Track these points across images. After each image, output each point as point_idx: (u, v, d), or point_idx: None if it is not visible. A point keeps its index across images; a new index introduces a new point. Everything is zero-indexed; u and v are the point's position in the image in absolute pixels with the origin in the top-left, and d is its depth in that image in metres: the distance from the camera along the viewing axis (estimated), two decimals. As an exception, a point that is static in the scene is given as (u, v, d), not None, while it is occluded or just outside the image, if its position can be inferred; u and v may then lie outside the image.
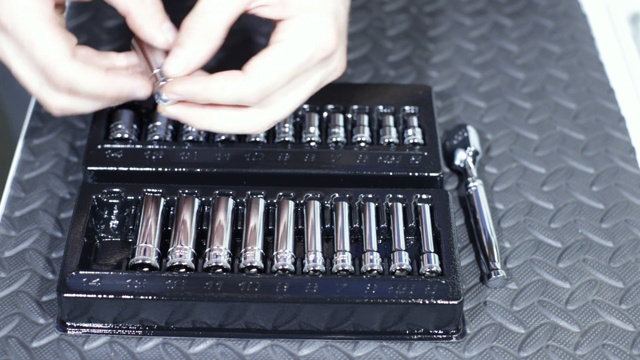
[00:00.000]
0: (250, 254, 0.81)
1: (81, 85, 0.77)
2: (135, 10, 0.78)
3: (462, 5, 1.12)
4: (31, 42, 0.76)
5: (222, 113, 0.79)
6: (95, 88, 0.78)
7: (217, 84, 0.77)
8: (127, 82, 0.79)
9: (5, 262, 0.84)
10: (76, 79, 0.77)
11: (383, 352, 0.79)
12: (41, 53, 0.76)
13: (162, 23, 0.80)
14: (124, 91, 0.79)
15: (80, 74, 0.77)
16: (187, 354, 0.78)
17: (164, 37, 0.80)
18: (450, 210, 0.85)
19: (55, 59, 0.76)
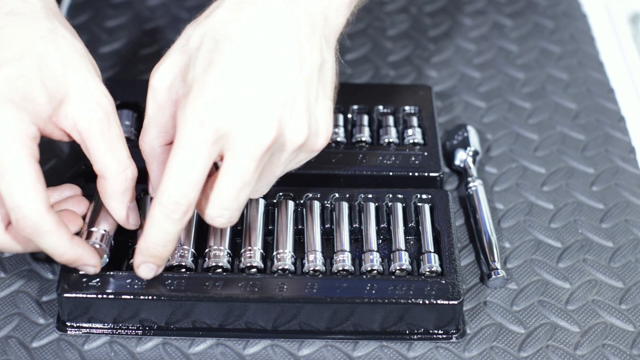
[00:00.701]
0: (250, 254, 0.81)
1: (45, 239, 0.73)
2: (113, 179, 0.76)
3: (462, 5, 1.12)
4: (8, 178, 0.72)
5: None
6: (56, 248, 0.74)
7: (146, 229, 0.74)
8: (87, 255, 0.76)
9: (5, 262, 0.84)
10: (45, 232, 0.73)
11: (383, 352, 0.79)
12: (15, 193, 0.71)
13: (131, 201, 0.78)
14: (79, 261, 0.76)
15: (49, 227, 0.73)
16: (187, 354, 0.78)
17: (127, 218, 0.78)
18: (450, 210, 0.85)
19: (32, 205, 0.72)
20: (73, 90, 0.75)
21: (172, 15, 1.09)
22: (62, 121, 0.75)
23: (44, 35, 0.75)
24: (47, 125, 0.75)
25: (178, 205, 0.71)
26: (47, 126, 0.75)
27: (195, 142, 0.71)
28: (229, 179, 0.72)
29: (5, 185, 0.72)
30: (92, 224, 0.79)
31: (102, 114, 0.75)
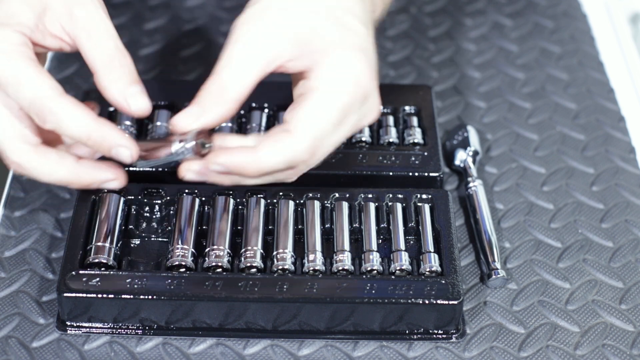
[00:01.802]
0: (250, 254, 0.81)
1: (68, 123, 0.73)
2: (101, 71, 0.75)
3: (462, 5, 1.12)
4: (17, 81, 0.73)
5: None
6: (81, 130, 0.74)
7: (265, 151, 0.72)
8: (113, 134, 0.74)
9: (5, 262, 0.84)
10: (64, 116, 0.73)
11: (383, 352, 0.79)
12: (28, 89, 0.73)
13: (128, 88, 0.76)
14: (106, 142, 0.74)
15: (69, 110, 0.73)
16: (187, 354, 0.78)
17: (125, 104, 0.76)
18: (450, 210, 0.85)
19: (45, 93, 0.73)
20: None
21: (172, 15, 1.09)
22: (51, 27, 0.76)
23: None
24: (35, 34, 0.75)
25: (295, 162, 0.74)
26: (35, 35, 0.75)
27: (351, 107, 0.74)
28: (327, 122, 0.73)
29: (13, 90, 0.73)
30: None
31: (83, 11, 0.76)
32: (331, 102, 0.73)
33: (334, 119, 0.73)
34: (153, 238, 0.84)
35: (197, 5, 1.10)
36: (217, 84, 0.74)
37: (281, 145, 0.72)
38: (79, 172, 0.76)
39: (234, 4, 1.11)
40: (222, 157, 0.73)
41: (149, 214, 0.85)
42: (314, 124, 0.73)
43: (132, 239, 0.84)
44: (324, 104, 0.73)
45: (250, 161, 0.73)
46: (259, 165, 0.73)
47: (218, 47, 1.05)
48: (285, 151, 0.72)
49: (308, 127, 0.73)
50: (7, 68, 0.74)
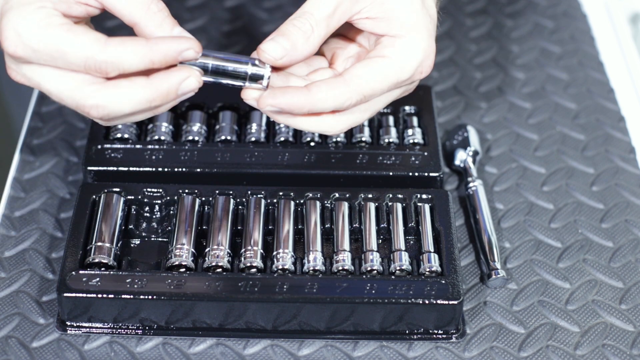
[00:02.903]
0: (250, 254, 0.81)
1: (127, 61, 0.73)
2: (142, 20, 0.76)
3: (463, 4, 1.12)
4: (60, 52, 0.73)
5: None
6: (141, 59, 0.73)
7: (319, 94, 0.75)
8: (173, 43, 0.74)
9: (5, 262, 0.84)
10: (120, 57, 0.73)
11: (383, 352, 0.79)
12: (75, 54, 0.73)
13: (173, 29, 0.76)
14: (170, 52, 0.74)
15: (121, 50, 0.73)
16: (187, 354, 0.78)
17: (179, 44, 0.75)
18: (450, 210, 0.85)
19: (91, 50, 0.73)
20: None
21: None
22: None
23: None
24: (59, 4, 0.75)
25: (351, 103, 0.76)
26: (59, 5, 0.75)
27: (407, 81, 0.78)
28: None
29: (63, 62, 0.73)
30: None
31: None
32: (393, 74, 0.76)
33: (385, 87, 0.76)
34: (153, 238, 0.85)
35: (198, 5, 1.10)
36: (308, 23, 0.76)
37: (335, 92, 0.75)
38: (154, 84, 0.75)
39: (235, 4, 1.11)
40: (277, 97, 0.75)
41: (149, 214, 0.85)
42: (371, 85, 0.76)
43: (132, 239, 0.84)
44: (387, 72, 0.76)
45: (303, 102, 0.75)
46: (310, 107, 0.75)
47: (218, 47, 1.05)
48: (337, 97, 0.75)
49: (365, 85, 0.75)
50: (45, 45, 0.73)
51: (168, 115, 0.92)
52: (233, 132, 0.91)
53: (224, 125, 0.91)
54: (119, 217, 0.83)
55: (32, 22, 0.74)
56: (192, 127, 0.91)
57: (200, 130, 0.91)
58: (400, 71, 0.77)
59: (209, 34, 1.07)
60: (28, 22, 0.74)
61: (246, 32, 1.07)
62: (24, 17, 0.74)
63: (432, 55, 0.78)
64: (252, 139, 0.90)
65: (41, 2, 0.75)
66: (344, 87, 0.75)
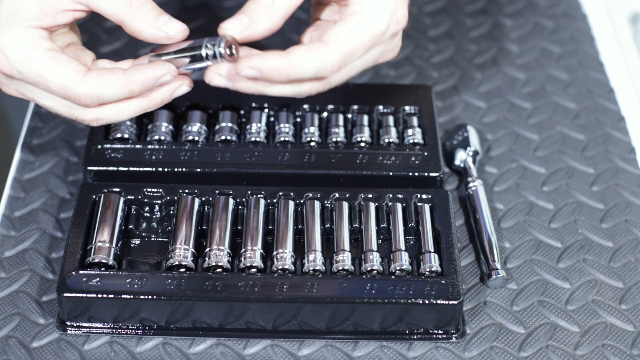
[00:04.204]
0: (250, 254, 0.81)
1: (105, 94, 0.76)
2: (127, 18, 0.77)
3: (463, 5, 1.12)
4: (42, 78, 0.75)
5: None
6: (120, 90, 0.76)
7: (298, 57, 0.75)
8: (149, 72, 0.77)
9: (5, 262, 0.84)
10: (97, 91, 0.75)
11: (383, 352, 0.79)
12: (55, 83, 0.75)
13: (158, 20, 0.78)
14: (148, 81, 0.76)
15: (99, 84, 0.75)
16: (187, 354, 0.78)
17: (164, 33, 0.78)
18: (450, 210, 0.85)
19: (70, 82, 0.75)
20: None
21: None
22: (59, 4, 0.76)
23: None
24: (44, 20, 0.76)
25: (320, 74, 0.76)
26: (44, 21, 0.76)
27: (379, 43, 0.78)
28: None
29: (44, 88, 0.75)
30: None
31: None
32: (368, 27, 0.77)
33: (366, 42, 0.77)
34: (153, 238, 0.85)
35: (198, 5, 1.10)
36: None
37: (315, 53, 0.75)
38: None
39: (235, 4, 1.11)
40: (256, 60, 0.75)
41: (149, 214, 0.85)
42: (349, 40, 0.76)
43: (132, 239, 0.84)
44: (362, 27, 0.76)
45: (283, 65, 0.75)
46: (291, 70, 0.75)
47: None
48: (317, 59, 0.75)
49: (343, 41, 0.76)
50: (29, 69, 0.75)
51: (168, 115, 0.92)
52: (233, 132, 0.91)
53: (224, 125, 0.91)
54: (119, 217, 0.83)
55: (19, 44, 0.75)
56: (192, 127, 0.91)
57: (200, 130, 0.91)
58: (375, 23, 0.77)
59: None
60: (14, 43, 0.75)
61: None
62: (11, 37, 0.75)
63: (404, 4, 0.78)
64: (252, 139, 0.90)
65: (28, 21, 0.76)
66: (324, 47, 0.75)
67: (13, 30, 0.76)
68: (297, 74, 0.75)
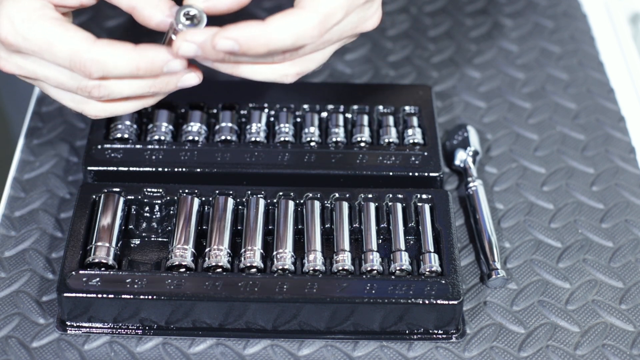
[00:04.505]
0: (250, 254, 0.81)
1: (112, 63, 0.73)
2: (140, 3, 0.76)
3: (462, 5, 1.12)
4: (48, 44, 0.74)
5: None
6: (127, 63, 0.73)
7: (275, 24, 0.71)
8: (161, 52, 0.74)
9: (5, 262, 0.84)
10: (105, 59, 0.73)
11: (383, 352, 0.79)
12: (62, 48, 0.73)
13: (170, 8, 0.76)
14: (157, 62, 0.74)
15: (107, 51, 0.73)
16: (187, 354, 0.78)
17: (179, 14, 0.74)
18: (450, 210, 0.85)
19: (78, 46, 0.73)
20: None
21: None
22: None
23: None
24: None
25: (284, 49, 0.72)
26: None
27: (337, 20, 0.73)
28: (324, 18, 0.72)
29: (49, 54, 0.74)
30: None
31: None
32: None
33: (343, 3, 0.73)
34: (153, 238, 0.85)
35: (197, 5, 1.10)
36: None
37: (292, 18, 0.71)
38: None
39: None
40: (232, 31, 0.71)
41: (149, 214, 0.85)
42: (325, 3, 0.72)
43: (132, 239, 0.84)
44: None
45: (260, 34, 0.71)
46: (268, 39, 0.71)
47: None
48: (295, 25, 0.71)
49: (320, 4, 0.72)
50: (35, 35, 0.74)
51: (168, 115, 0.92)
52: (233, 132, 0.91)
53: (224, 125, 0.91)
54: (118, 217, 0.83)
55: (26, 11, 0.74)
56: (192, 127, 0.91)
57: (200, 130, 0.91)
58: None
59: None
60: (22, 11, 0.74)
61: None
62: (19, 6, 0.74)
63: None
64: (252, 139, 0.90)
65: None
66: (301, 11, 0.71)
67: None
68: (276, 43, 0.71)
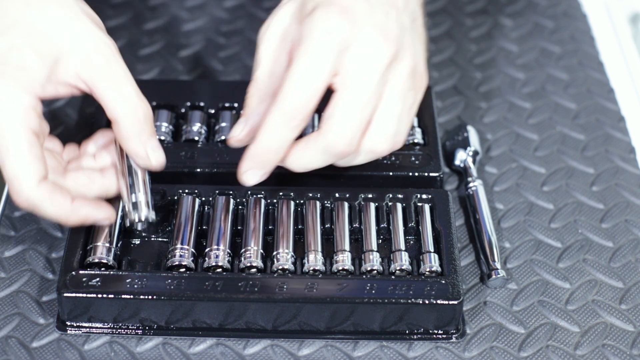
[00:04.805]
0: (250, 254, 0.81)
1: (42, 208, 0.74)
2: (125, 119, 0.75)
3: (462, 5, 1.12)
4: (6, 152, 0.73)
5: None
6: (57, 213, 0.74)
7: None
8: (92, 213, 0.76)
9: (5, 262, 0.84)
10: (37, 204, 0.73)
11: (383, 352, 0.79)
12: (11, 168, 0.73)
13: (149, 139, 0.76)
14: (87, 221, 0.76)
15: (43, 199, 0.73)
16: (187, 354, 0.78)
17: (144, 155, 0.77)
18: (450, 210, 0.85)
19: (22, 179, 0.73)
20: (68, 44, 0.75)
21: (172, 15, 1.09)
22: (64, 76, 0.75)
23: (29, 2, 0.75)
24: (47, 88, 0.75)
25: (299, 112, 0.73)
26: (47, 89, 0.75)
27: (322, 49, 0.73)
28: (350, 92, 0.74)
29: (1, 159, 0.73)
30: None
31: (101, 58, 0.75)
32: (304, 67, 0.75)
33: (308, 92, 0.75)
34: (153, 238, 0.84)
35: (197, 6, 1.10)
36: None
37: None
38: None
39: (234, 4, 1.11)
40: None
41: (149, 214, 0.85)
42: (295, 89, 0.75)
43: (132, 239, 0.84)
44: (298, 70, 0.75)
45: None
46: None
47: (218, 48, 1.05)
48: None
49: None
50: (3, 137, 0.73)
51: (168, 115, 0.92)
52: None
53: (224, 125, 0.91)
54: (119, 217, 0.83)
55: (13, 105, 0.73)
56: (192, 127, 0.91)
57: (200, 130, 0.91)
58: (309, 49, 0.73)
59: (208, 35, 1.07)
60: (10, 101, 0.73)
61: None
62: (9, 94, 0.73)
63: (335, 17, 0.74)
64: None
65: (31, 83, 0.74)
66: (273, 114, 0.74)
67: (15, 87, 0.73)
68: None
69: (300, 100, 0.74)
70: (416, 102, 0.79)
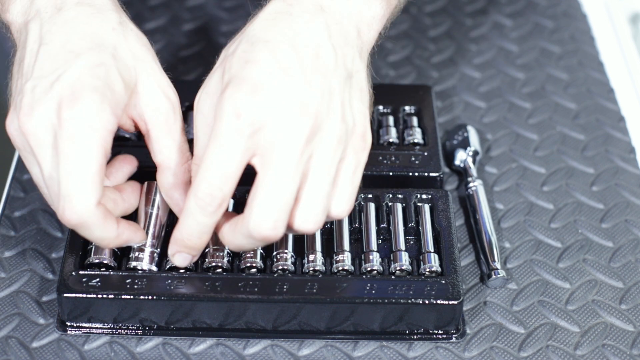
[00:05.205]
0: (250, 254, 0.81)
1: (92, 231, 0.73)
2: (173, 170, 0.76)
3: (462, 5, 1.12)
4: (76, 167, 0.71)
5: None
6: (103, 239, 0.74)
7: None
8: (132, 237, 0.76)
9: (5, 262, 0.84)
10: (92, 226, 0.73)
11: (383, 352, 0.79)
12: (74, 183, 0.71)
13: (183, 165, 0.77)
14: (124, 244, 0.77)
15: (97, 223, 0.73)
16: (187, 354, 0.78)
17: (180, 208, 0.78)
18: (450, 210, 0.85)
19: (83, 198, 0.71)
20: (142, 81, 0.75)
21: (172, 15, 1.09)
22: (131, 110, 0.75)
23: (114, 27, 0.76)
24: (123, 115, 0.75)
25: (213, 198, 0.71)
26: (122, 116, 0.75)
27: (231, 134, 0.70)
28: (269, 174, 0.70)
29: (65, 171, 0.71)
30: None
31: (168, 105, 0.76)
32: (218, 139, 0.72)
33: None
34: (153, 238, 0.84)
35: (197, 5, 1.10)
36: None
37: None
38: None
39: (234, 4, 1.11)
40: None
41: (149, 214, 0.85)
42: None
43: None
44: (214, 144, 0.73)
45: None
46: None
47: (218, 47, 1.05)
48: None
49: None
50: (78, 151, 0.71)
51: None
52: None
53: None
54: (119, 217, 0.83)
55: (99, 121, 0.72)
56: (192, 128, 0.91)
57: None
58: (217, 127, 0.71)
59: (208, 35, 1.07)
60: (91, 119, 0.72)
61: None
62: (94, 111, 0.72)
63: (236, 96, 0.71)
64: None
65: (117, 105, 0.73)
66: (189, 199, 0.72)
67: (104, 103, 0.72)
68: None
69: (211, 187, 0.71)
70: (360, 165, 0.74)
